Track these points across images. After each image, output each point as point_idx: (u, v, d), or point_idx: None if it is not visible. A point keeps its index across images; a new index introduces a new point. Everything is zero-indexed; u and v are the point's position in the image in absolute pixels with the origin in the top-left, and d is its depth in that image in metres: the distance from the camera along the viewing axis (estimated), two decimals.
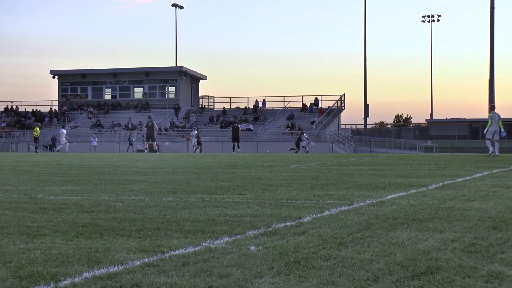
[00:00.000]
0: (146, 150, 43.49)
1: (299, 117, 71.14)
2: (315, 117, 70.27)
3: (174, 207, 10.32)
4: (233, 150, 46.29)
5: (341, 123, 77.74)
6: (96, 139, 64.11)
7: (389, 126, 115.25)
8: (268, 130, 68.46)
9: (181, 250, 6.63)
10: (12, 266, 5.87)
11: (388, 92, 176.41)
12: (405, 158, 31.13)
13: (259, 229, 7.94)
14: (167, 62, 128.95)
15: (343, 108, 74.90)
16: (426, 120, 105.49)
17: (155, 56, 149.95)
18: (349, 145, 64.50)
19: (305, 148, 52.75)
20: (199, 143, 55.35)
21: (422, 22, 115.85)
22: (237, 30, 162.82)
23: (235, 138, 46.87)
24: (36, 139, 56.23)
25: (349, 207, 10.18)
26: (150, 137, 42.58)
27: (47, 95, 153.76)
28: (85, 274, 5.56)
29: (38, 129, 57.91)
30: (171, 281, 5.35)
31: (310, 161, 28.21)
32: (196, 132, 56.77)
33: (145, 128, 44.74)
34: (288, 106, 75.80)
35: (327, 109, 72.07)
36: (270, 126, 69.65)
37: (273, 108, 76.21)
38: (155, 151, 42.37)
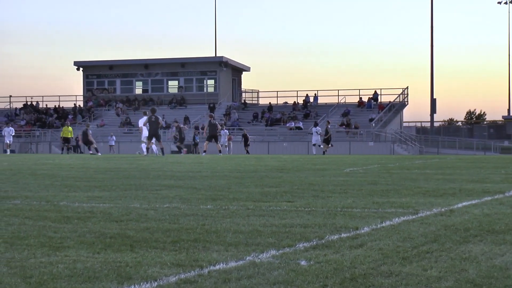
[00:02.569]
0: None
1: (356, 114, 70.96)
2: (374, 113, 70.01)
3: (214, 216, 10.35)
4: (203, 152, 43.57)
5: (403, 120, 77.29)
6: (114, 138, 64.50)
7: (460, 123, 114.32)
8: (321, 128, 68.24)
9: (221, 264, 6.64)
10: (33, 282, 5.94)
11: (458, 85, 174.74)
12: (478, 161, 30.85)
13: (310, 242, 7.93)
14: (206, 51, 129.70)
15: (406, 103, 74.52)
16: (503, 116, 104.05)
17: (191, 45, 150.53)
18: (413, 145, 64.14)
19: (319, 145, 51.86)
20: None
21: (499, 4, 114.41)
22: (285, 16, 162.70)
23: (212, 136, 44.12)
24: (67, 140, 55.00)
25: (414, 217, 10.12)
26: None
27: (71, 90, 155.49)
28: None
29: (70, 128, 56.06)
30: None
31: (368, 164, 28.10)
32: (227, 131, 57.18)
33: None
34: (343, 101, 75.61)
35: (388, 104, 71.76)
36: (322, 124, 69.47)
37: (325, 103, 76.06)
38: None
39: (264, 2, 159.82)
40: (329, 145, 51.64)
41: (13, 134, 57.43)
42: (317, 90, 77.68)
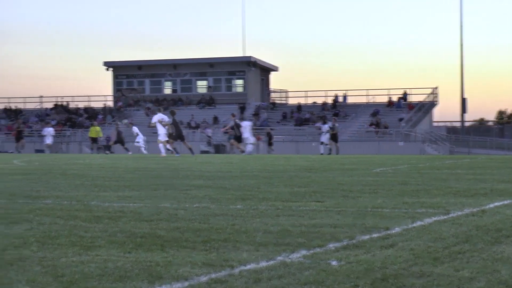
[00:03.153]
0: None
1: (385, 114, 70.69)
2: (404, 113, 69.71)
3: (244, 216, 10.36)
4: (175, 152, 41.40)
5: (433, 120, 76.90)
6: (144, 138, 64.59)
7: (491, 123, 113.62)
8: (350, 128, 68.10)
9: (252, 264, 6.64)
10: (64, 281, 5.97)
11: (489, 85, 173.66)
12: (509, 161, 30.65)
13: (340, 242, 7.91)
14: (234, 51, 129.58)
15: (436, 103, 74.17)
16: None
17: (220, 45, 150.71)
18: (443, 145, 63.75)
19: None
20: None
21: None
22: (313, 15, 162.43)
23: (179, 136, 41.24)
24: (94, 140, 55.49)
25: (445, 217, 10.07)
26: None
27: (101, 90, 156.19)
28: None
29: (98, 128, 56.43)
30: None
31: (398, 163, 28.02)
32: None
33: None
34: (372, 101, 75.39)
35: (418, 104, 71.46)
36: (351, 123, 69.33)
37: (355, 103, 75.87)
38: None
39: (292, 2, 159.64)
40: (337, 143, 50.60)
41: (53, 134, 57.80)
42: (346, 90, 77.50)
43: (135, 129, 54.42)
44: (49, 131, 56.93)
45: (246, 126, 47.70)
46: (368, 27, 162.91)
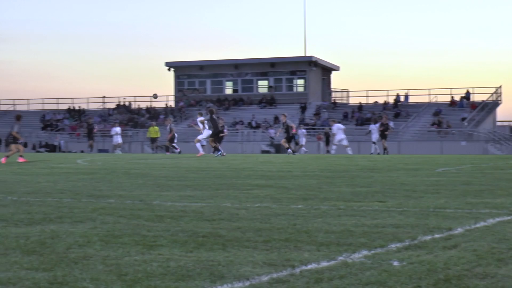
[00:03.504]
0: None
1: (447, 113, 70.05)
2: (466, 112, 69.00)
3: (305, 215, 10.35)
4: (167, 151, 43.15)
5: (497, 119, 75.95)
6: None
7: None
8: (411, 128, 67.67)
9: (313, 264, 6.63)
10: (127, 280, 6.03)
11: None
12: None
13: (402, 242, 7.86)
14: (295, 51, 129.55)
15: (499, 102, 73.22)
16: None
17: (281, 44, 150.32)
18: (507, 145, 62.87)
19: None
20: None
21: None
22: (374, 15, 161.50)
23: (216, 134, 40.71)
24: (153, 140, 56.21)
25: (509, 218, 9.95)
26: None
27: (162, 90, 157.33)
28: None
29: (156, 128, 57.09)
30: None
31: (460, 163, 27.75)
32: (304, 130, 57.32)
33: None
34: (434, 100, 74.78)
35: (481, 103, 70.62)
36: (413, 123, 68.86)
37: (416, 102, 75.34)
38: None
39: (353, 1, 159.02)
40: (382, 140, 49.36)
41: (120, 133, 58.44)
42: (408, 89, 76.95)
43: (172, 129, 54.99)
44: (117, 130, 57.54)
45: (340, 129, 47.65)
46: (429, 26, 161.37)
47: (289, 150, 44.84)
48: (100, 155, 46.91)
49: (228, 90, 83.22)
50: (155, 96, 40.24)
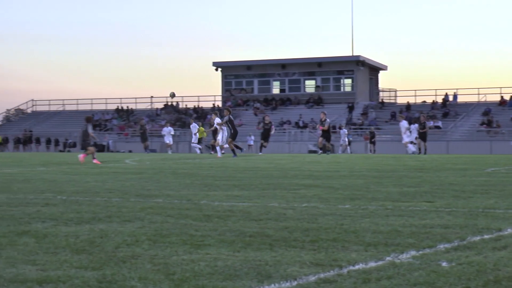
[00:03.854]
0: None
1: (497, 112, 69.40)
2: None
3: (352, 215, 10.31)
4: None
5: None
6: (253, 138, 65.39)
7: None
8: (460, 127, 67.14)
9: (361, 264, 6.61)
10: (175, 279, 6.05)
11: None
12: None
13: (451, 243, 7.80)
14: (342, 51, 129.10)
15: None
16: None
17: (328, 44, 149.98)
18: None
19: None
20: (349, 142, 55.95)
21: None
22: (422, 14, 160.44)
23: (234, 135, 39.76)
24: (199, 140, 56.26)
25: None
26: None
27: (210, 90, 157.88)
28: None
29: (202, 128, 57.37)
30: None
31: (510, 164, 27.46)
32: (345, 130, 57.24)
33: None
34: (483, 99, 74.11)
35: None
36: (462, 123, 68.31)
37: (465, 102, 74.74)
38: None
39: (401, 1, 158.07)
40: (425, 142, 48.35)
41: (173, 133, 58.65)
42: (457, 89, 76.45)
43: (194, 128, 55.00)
44: (168, 130, 57.82)
45: (414, 129, 46.71)
46: (478, 25, 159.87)
47: (320, 151, 44.66)
48: (148, 155, 47.18)
49: (275, 90, 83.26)
50: (172, 95, 39.12)
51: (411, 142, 49.16)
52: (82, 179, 19.02)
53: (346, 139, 58.83)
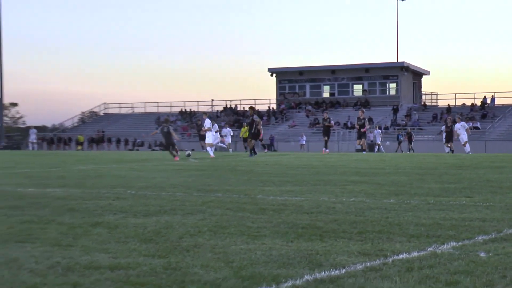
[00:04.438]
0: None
1: None
2: None
3: (397, 209, 10.26)
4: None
5: None
6: (305, 138, 65.48)
7: None
8: (497, 128, 66.20)
9: (404, 254, 6.58)
10: (234, 266, 6.09)
11: None
12: None
13: (489, 235, 7.73)
14: (388, 57, 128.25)
15: None
16: None
17: (374, 51, 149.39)
18: None
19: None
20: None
21: None
22: (462, 22, 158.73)
23: (254, 135, 37.59)
24: (245, 139, 56.18)
25: None
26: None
27: (265, 93, 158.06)
28: (307, 277, 5.66)
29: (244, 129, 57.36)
30: (395, 287, 5.33)
31: None
32: (379, 130, 56.88)
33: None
34: None
35: None
36: (499, 124, 67.37)
37: (502, 104, 73.72)
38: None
39: (443, 9, 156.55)
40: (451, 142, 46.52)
41: (232, 134, 58.80)
42: (494, 92, 75.34)
43: (212, 127, 54.73)
44: (227, 131, 57.96)
45: (461, 127, 45.34)
46: None
47: (362, 149, 43.45)
48: (208, 154, 47.29)
49: (326, 94, 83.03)
50: (188, 154, 36.16)
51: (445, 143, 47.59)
52: (149, 175, 19.17)
53: (379, 139, 58.53)
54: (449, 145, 45.74)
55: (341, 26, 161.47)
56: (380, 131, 59.93)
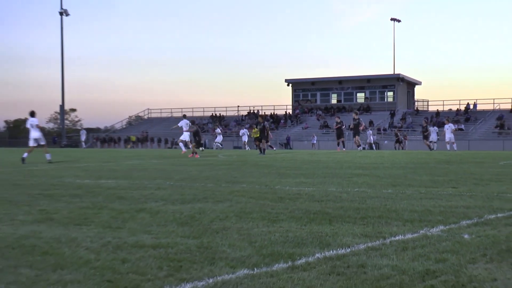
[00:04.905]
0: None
1: (508, 118, 67.69)
2: None
3: (394, 198, 10.21)
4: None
5: None
6: (315, 138, 65.52)
7: None
8: (479, 129, 65.78)
9: (400, 236, 6.55)
10: (256, 246, 6.08)
11: None
12: None
13: (471, 219, 7.67)
14: (386, 70, 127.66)
15: None
16: None
17: (375, 65, 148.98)
18: None
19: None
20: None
21: None
22: (450, 40, 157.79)
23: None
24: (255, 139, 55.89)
25: None
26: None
27: (283, 100, 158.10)
28: (317, 255, 5.64)
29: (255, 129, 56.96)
30: (392, 264, 5.30)
31: None
32: (371, 131, 56.37)
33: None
34: (497, 107, 72.52)
35: None
36: (480, 126, 66.92)
37: (483, 109, 73.27)
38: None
39: (433, 29, 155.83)
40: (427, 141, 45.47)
41: (248, 134, 58.93)
42: (476, 99, 74.99)
43: (218, 130, 55.06)
44: (244, 132, 58.07)
45: (448, 128, 44.56)
46: (495, 46, 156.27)
47: (358, 145, 41.64)
48: (234, 151, 47.38)
49: (333, 100, 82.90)
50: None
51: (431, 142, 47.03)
52: (185, 169, 19.21)
53: (371, 138, 58.23)
54: (427, 143, 45.44)
55: (347, 44, 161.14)
56: (371, 131, 59.71)
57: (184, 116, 40.01)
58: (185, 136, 37.39)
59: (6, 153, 42.76)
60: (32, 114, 25.37)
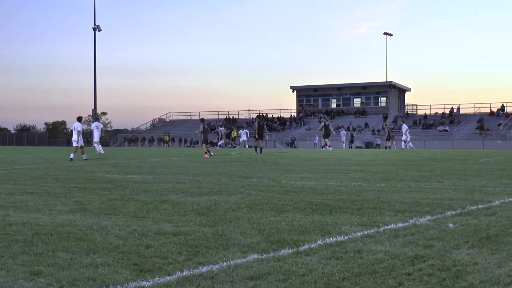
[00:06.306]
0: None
1: (488, 120, 67.47)
2: (502, 120, 66.32)
3: (386, 191, 10.18)
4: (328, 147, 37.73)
5: None
6: (317, 138, 65.55)
7: None
8: (462, 130, 65.55)
9: (392, 225, 6.52)
10: (265, 233, 6.07)
11: None
12: None
13: (455, 210, 7.63)
14: (379, 77, 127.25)
15: None
16: None
17: (370, 73, 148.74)
18: None
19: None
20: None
21: None
22: (437, 51, 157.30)
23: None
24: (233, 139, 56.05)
25: None
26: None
27: (288, 105, 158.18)
28: (319, 242, 5.63)
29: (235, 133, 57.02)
30: (385, 249, 5.28)
31: (497, 156, 26.67)
32: (344, 131, 56.20)
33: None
34: (478, 111, 72.22)
35: None
36: (463, 127, 66.68)
37: (465, 113, 73.00)
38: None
39: (422, 41, 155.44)
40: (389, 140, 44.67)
41: (248, 135, 58.95)
42: (459, 104, 74.61)
43: (221, 130, 54.95)
44: (244, 132, 58.07)
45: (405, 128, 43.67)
46: (475, 54, 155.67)
47: (326, 147, 40.23)
48: (245, 149, 47.35)
49: (333, 105, 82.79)
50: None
51: (404, 141, 46.21)
52: (202, 166, 19.23)
53: (344, 137, 58.14)
54: (387, 144, 45.09)
55: (345, 55, 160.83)
56: (345, 132, 59.74)
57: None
58: (95, 137, 33.98)
59: (46, 151, 42.93)
60: (79, 119, 25.25)
